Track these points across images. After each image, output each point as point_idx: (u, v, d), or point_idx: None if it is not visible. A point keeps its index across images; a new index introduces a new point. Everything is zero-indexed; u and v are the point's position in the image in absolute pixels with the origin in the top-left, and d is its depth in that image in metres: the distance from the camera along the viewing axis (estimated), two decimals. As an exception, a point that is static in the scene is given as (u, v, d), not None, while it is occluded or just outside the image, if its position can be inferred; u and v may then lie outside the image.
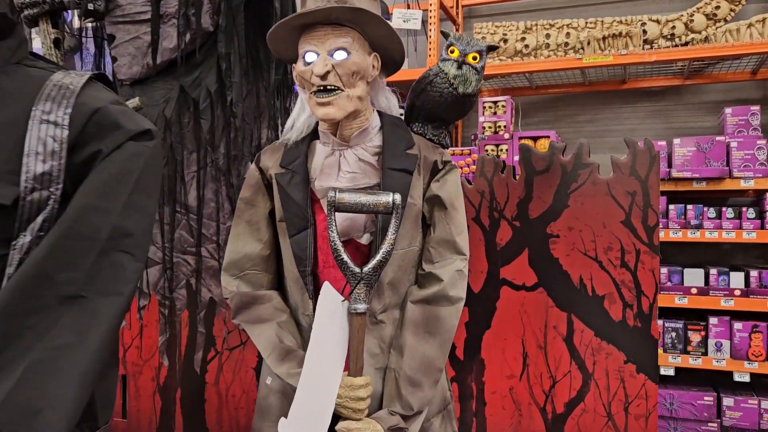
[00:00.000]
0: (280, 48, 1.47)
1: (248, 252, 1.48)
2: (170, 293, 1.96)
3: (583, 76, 4.20)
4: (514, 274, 2.02)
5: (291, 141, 1.49)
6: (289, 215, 1.42)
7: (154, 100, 1.93)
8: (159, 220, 1.94)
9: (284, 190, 1.43)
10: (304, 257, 1.40)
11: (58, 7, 1.89)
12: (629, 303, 1.89)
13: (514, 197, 2.02)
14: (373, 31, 1.39)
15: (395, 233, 1.32)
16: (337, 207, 1.30)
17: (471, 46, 1.55)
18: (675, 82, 4.11)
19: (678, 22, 3.89)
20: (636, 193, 1.88)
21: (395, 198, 1.30)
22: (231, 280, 1.48)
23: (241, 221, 1.51)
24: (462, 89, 1.55)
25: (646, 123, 4.29)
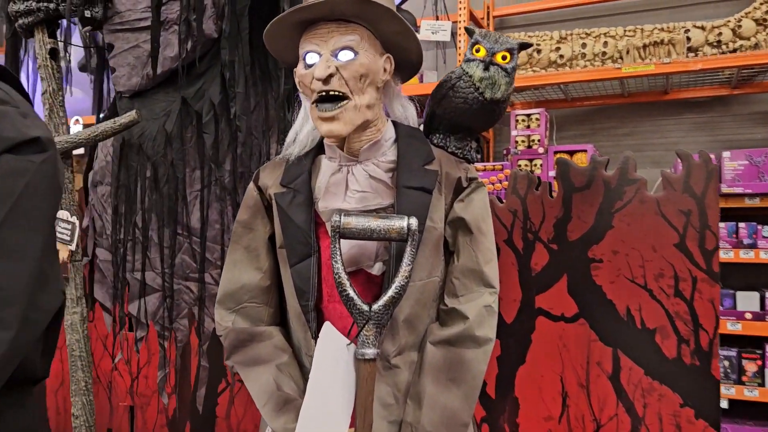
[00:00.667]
0: (279, 49, 1.30)
1: (246, 282, 1.30)
2: (170, 324, 1.79)
3: (622, 87, 3.96)
4: (552, 303, 1.80)
5: (293, 156, 1.32)
6: (290, 241, 1.24)
7: (155, 113, 1.78)
8: (159, 244, 1.77)
9: (285, 212, 1.25)
10: (306, 289, 1.21)
11: (54, 15, 1.77)
12: (685, 338, 1.66)
13: (551, 217, 1.80)
14: (384, 28, 1.21)
15: (411, 264, 1.12)
16: (343, 233, 1.12)
17: (500, 44, 1.34)
18: (722, 92, 3.85)
19: (725, 28, 3.64)
20: (691, 213, 1.65)
21: (411, 222, 1.11)
22: (226, 314, 1.30)
23: (239, 247, 1.34)
24: (489, 94, 1.34)
25: (690, 136, 4.02)
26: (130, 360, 1.98)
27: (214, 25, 1.71)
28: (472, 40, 1.37)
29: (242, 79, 1.67)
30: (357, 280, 1.19)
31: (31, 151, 0.82)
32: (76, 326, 1.77)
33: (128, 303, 1.82)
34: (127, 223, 1.79)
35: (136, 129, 1.76)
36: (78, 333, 1.77)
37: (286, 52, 1.30)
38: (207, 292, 1.78)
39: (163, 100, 1.78)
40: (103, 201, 1.83)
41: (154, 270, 1.79)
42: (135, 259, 1.79)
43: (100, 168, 1.83)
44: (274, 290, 1.33)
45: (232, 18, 1.66)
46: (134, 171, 1.78)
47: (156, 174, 1.76)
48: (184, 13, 1.68)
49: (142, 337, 1.80)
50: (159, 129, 1.76)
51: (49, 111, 1.78)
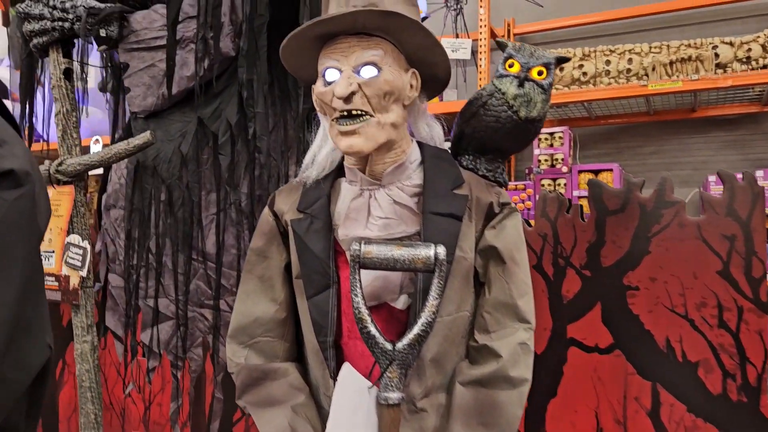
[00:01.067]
0: (296, 65, 1.22)
1: (260, 315, 1.22)
2: (184, 353, 1.72)
3: (648, 105, 3.87)
4: (585, 333, 1.70)
5: (311, 179, 1.24)
6: (307, 271, 1.16)
7: (170, 134, 1.72)
8: (173, 270, 1.71)
9: (301, 239, 1.17)
10: (324, 324, 1.13)
11: (69, 34, 1.72)
12: (731, 372, 1.55)
13: (583, 241, 1.71)
14: (410, 41, 1.13)
15: (438, 297, 1.03)
16: (363, 263, 1.03)
17: (536, 59, 1.25)
18: (752, 109, 3.74)
19: (754, 43, 3.54)
20: (735, 238, 1.55)
21: (438, 251, 1.02)
22: (239, 349, 1.22)
23: (252, 277, 1.26)
24: (524, 113, 1.25)
25: (720, 154, 3.91)
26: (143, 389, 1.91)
27: (232, 43, 1.66)
28: (505, 54, 1.28)
29: (261, 99, 1.61)
30: (379, 315, 1.10)
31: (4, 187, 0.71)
32: (87, 356, 1.70)
33: (140, 331, 1.75)
34: (141, 248, 1.73)
35: (150, 151, 1.70)
36: (88, 363, 1.70)
37: (303, 69, 1.23)
38: (222, 319, 1.70)
39: (178, 121, 1.72)
40: (116, 225, 1.77)
41: (167, 297, 1.72)
42: (148, 285, 1.73)
43: (114, 191, 1.78)
44: (290, 323, 1.25)
45: (250, 36, 1.60)
46: (148, 194, 1.72)
47: (171, 197, 1.70)
48: (200, 31, 1.62)
49: (155, 367, 1.73)
50: (174, 150, 1.70)
51: (62, 132, 1.73)
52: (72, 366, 2.20)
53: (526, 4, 4.01)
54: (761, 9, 3.79)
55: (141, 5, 1.83)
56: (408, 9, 1.14)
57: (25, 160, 0.75)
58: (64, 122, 1.73)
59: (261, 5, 1.60)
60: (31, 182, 0.74)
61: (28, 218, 0.74)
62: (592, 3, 4.16)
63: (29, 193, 0.74)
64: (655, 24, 3.99)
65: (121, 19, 1.72)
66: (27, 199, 0.73)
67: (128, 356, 1.76)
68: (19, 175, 0.72)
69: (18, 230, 0.72)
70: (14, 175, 0.72)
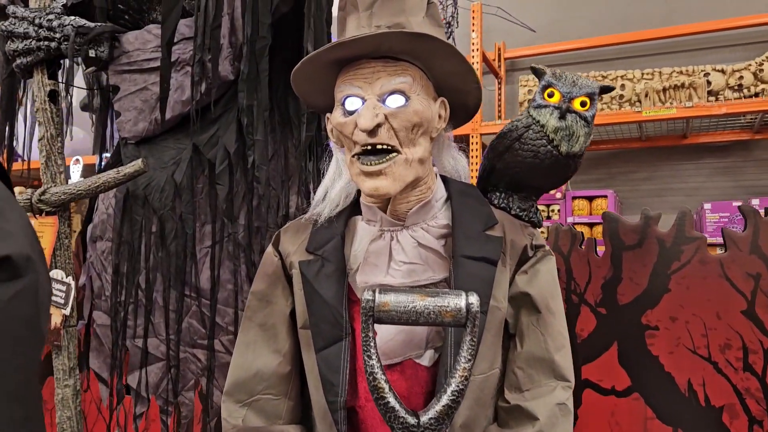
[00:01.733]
0: (308, 91, 1.11)
1: (261, 368, 1.09)
2: (175, 397, 1.59)
3: (640, 131, 3.86)
4: (601, 375, 1.62)
5: (323, 217, 1.12)
6: (316, 320, 1.03)
7: (163, 162, 1.61)
8: (164, 307, 1.58)
9: (311, 284, 1.05)
10: (335, 382, 0.99)
11: (55, 54, 1.61)
12: (758, 418, 1.47)
13: (598, 277, 1.63)
14: (440, 67, 1.03)
15: (472, 358, 0.88)
16: (378, 317, 0.88)
17: (579, 88, 1.13)
18: (743, 137, 3.75)
19: (746, 71, 3.55)
20: (761, 276, 1.48)
21: (471, 302, 0.87)
22: (236, 409, 1.08)
23: (253, 325, 1.13)
24: (566, 148, 1.12)
25: (711, 181, 3.90)
26: None
27: (231, 66, 1.56)
28: (544, 82, 1.17)
29: (261, 126, 1.51)
30: (403, 374, 0.99)
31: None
32: (68, 402, 1.57)
33: (127, 373, 1.62)
34: (129, 283, 1.60)
35: (141, 179, 1.58)
36: (70, 409, 1.56)
37: (316, 95, 1.12)
38: (217, 360, 1.58)
39: (172, 148, 1.61)
40: (103, 259, 1.65)
41: (157, 336, 1.59)
42: (137, 324, 1.60)
43: (101, 221, 1.65)
44: (296, 379, 1.12)
45: (251, 59, 1.51)
46: (138, 226, 1.60)
47: (163, 229, 1.58)
48: (198, 54, 1.52)
49: (142, 412, 1.60)
50: (167, 179, 1.58)
51: (46, 159, 1.61)
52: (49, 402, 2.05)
53: (518, 28, 3.98)
54: (750, 37, 3.82)
55: (133, 25, 1.73)
56: (437, 30, 1.03)
57: (23, 238, 0.57)
58: (48, 148, 1.61)
59: (263, 28, 1.51)
60: (33, 271, 0.56)
61: (27, 324, 0.55)
62: (582, 28, 4.16)
63: (31, 287, 0.55)
64: (646, 50, 4.00)
65: (112, 39, 1.62)
66: (27, 297, 0.55)
67: (114, 401, 1.63)
68: (17, 263, 0.54)
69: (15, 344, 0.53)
70: (11, 264, 0.54)
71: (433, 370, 1.00)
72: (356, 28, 1.02)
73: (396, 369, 1.00)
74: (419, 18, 1.02)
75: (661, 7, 4.00)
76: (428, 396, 1.00)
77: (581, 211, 3.54)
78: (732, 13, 3.76)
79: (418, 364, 1.01)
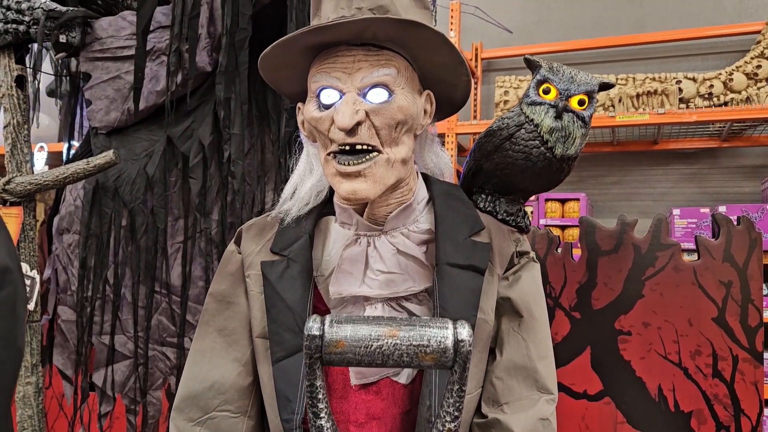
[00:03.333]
0: (278, 77, 0.99)
1: (218, 379, 0.95)
2: (143, 396, 1.55)
3: (612, 135, 3.90)
4: (573, 379, 1.62)
5: (291, 215, 1.01)
6: (276, 326, 0.91)
7: (135, 153, 1.56)
8: (132, 303, 1.54)
9: (273, 286, 0.93)
10: (292, 398, 0.87)
11: (24, 38, 1.55)
12: (725, 424, 1.49)
13: (573, 282, 1.63)
14: (429, 58, 0.93)
15: (459, 414, 0.69)
16: (329, 360, 0.66)
17: (577, 85, 1.02)
18: (711, 144, 3.82)
19: (716, 80, 3.62)
20: (732, 284, 1.50)
21: (461, 338, 0.65)
22: (188, 427, 0.94)
23: (210, 330, 1.00)
24: (561, 150, 1.03)
25: (678, 187, 3.97)
26: None
27: (208, 57, 1.52)
28: (539, 76, 1.05)
29: (239, 119, 1.47)
30: (379, 395, 0.91)
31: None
32: (30, 399, 1.51)
33: (93, 371, 1.57)
34: (97, 278, 1.55)
35: (112, 171, 1.54)
36: (31, 408, 1.51)
37: (286, 82, 1.01)
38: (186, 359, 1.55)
39: (145, 139, 1.56)
40: (70, 252, 1.59)
41: (125, 333, 1.55)
42: (104, 320, 1.55)
43: (68, 213, 1.60)
44: (256, 393, 0.98)
45: (230, 51, 1.47)
46: (108, 219, 1.55)
47: (133, 223, 1.53)
48: (174, 43, 1.48)
49: (107, 412, 1.55)
50: (139, 172, 1.54)
51: (11, 146, 1.55)
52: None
53: (494, 28, 3.99)
54: (722, 47, 3.89)
55: (106, 11, 1.68)
56: (425, 14, 0.94)
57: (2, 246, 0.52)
58: (14, 135, 1.55)
59: (243, 19, 1.47)
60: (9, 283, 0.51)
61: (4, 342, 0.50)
62: (557, 32, 4.19)
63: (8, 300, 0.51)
64: (620, 56, 4.04)
65: (85, 25, 1.56)
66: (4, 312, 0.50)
67: (78, 399, 1.57)
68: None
69: None
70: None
71: (411, 387, 0.92)
72: (334, 9, 0.90)
73: (371, 389, 0.91)
74: (405, 1, 0.93)
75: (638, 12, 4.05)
76: (405, 416, 0.91)
77: (554, 214, 3.57)
78: (704, 22, 3.83)
79: (395, 382, 0.92)
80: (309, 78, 0.94)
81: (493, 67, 4.44)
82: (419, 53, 0.93)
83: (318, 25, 0.86)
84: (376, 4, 0.89)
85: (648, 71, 3.77)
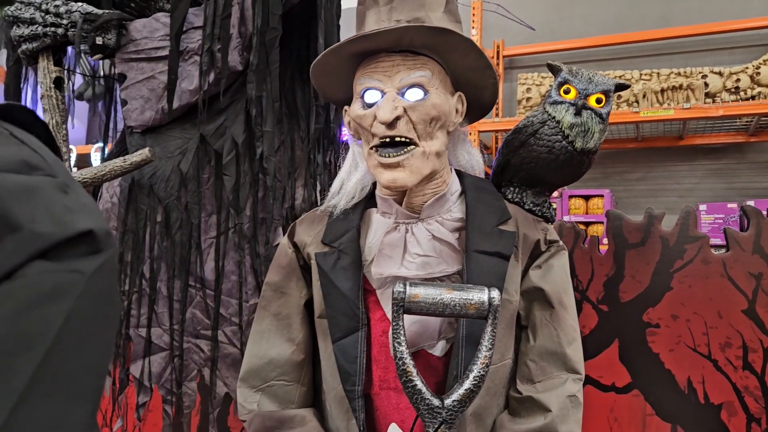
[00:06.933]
0: (327, 85, 1.13)
1: (275, 356, 1.12)
2: (178, 387, 1.59)
3: (637, 131, 3.88)
4: (601, 371, 1.63)
5: (338, 209, 1.13)
6: (333, 311, 1.06)
7: (169, 151, 1.60)
8: (168, 297, 1.58)
9: (327, 276, 1.07)
10: (352, 372, 1.02)
11: (62, 41, 1.60)
12: (756, 416, 1.49)
13: (600, 275, 1.64)
14: (458, 62, 1.05)
15: (491, 348, 0.93)
16: (408, 308, 0.92)
17: (595, 85, 1.15)
18: (738, 139, 3.78)
19: (743, 74, 3.58)
20: (762, 276, 1.50)
21: (493, 296, 0.92)
22: (251, 394, 1.11)
23: (267, 314, 1.15)
24: (581, 144, 1.15)
25: (704, 182, 3.94)
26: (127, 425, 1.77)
27: (239, 56, 1.56)
28: (560, 78, 1.19)
29: (270, 117, 1.51)
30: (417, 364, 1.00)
31: (79, 253, 0.50)
32: (71, 390, 1.56)
33: (130, 362, 1.62)
34: (134, 273, 1.60)
35: (147, 168, 1.58)
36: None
37: (334, 89, 1.14)
38: (220, 351, 1.58)
39: (178, 138, 1.61)
40: (107, 247, 1.64)
41: (161, 326, 1.59)
42: (140, 313, 1.60)
43: (105, 210, 1.65)
44: (308, 366, 1.16)
45: (261, 50, 1.51)
46: (143, 215, 1.60)
47: (168, 219, 1.58)
48: (206, 43, 1.52)
49: (145, 402, 1.59)
50: (173, 169, 1.58)
51: (50, 146, 1.60)
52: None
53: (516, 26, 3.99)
54: (748, 40, 3.85)
55: (139, 13, 1.73)
56: (456, 26, 1.05)
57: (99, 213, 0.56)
58: (53, 135, 1.59)
59: (274, 18, 1.50)
60: (111, 245, 0.54)
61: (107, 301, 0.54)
62: (580, 28, 4.17)
63: (111, 261, 0.54)
64: (644, 51, 4.02)
65: (120, 27, 1.61)
66: (108, 271, 0.53)
67: (116, 390, 1.62)
68: (99, 236, 0.53)
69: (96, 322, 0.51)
70: (93, 237, 0.52)
71: (445, 359, 1.03)
72: (376, 22, 1.04)
73: None
74: (438, 13, 1.05)
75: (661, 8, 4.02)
76: (439, 385, 1.02)
77: (577, 210, 3.56)
78: (730, 15, 3.79)
79: (431, 354, 1.03)
80: (354, 82, 1.06)
81: (515, 65, 4.44)
82: (450, 58, 1.04)
83: (362, 33, 0.99)
84: (412, 17, 1.01)
85: (673, 66, 3.74)
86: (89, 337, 0.50)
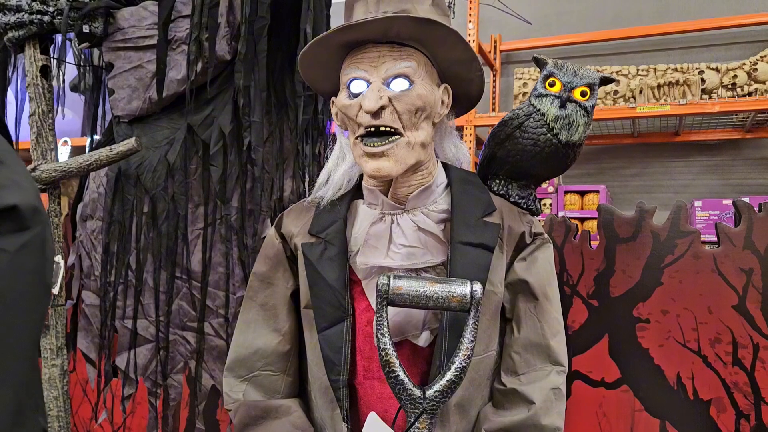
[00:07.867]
0: (314, 75, 1.12)
1: (261, 346, 1.13)
2: (164, 380, 1.58)
3: (633, 127, 3.86)
4: (590, 367, 1.62)
5: (325, 200, 1.13)
6: (318, 301, 1.06)
7: (156, 141, 1.59)
8: (154, 288, 1.57)
9: (313, 266, 1.07)
10: (337, 362, 1.03)
11: (48, 29, 1.58)
12: (745, 412, 1.48)
13: (591, 269, 1.63)
14: (444, 54, 1.04)
15: (474, 341, 0.93)
16: (392, 300, 0.92)
17: (579, 78, 1.15)
18: (734, 136, 3.76)
19: (740, 70, 3.56)
20: (753, 272, 1.49)
21: (475, 289, 0.93)
22: (236, 383, 1.11)
23: (254, 305, 1.15)
24: (565, 136, 1.15)
25: (700, 179, 3.92)
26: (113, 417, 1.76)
27: (228, 46, 1.54)
28: (545, 71, 1.18)
29: (258, 107, 1.49)
30: (401, 354, 1.00)
31: (4, 230, 0.51)
32: (55, 381, 1.55)
33: (116, 354, 1.60)
34: (119, 263, 1.58)
35: (134, 158, 1.57)
36: (57, 389, 1.55)
37: (322, 80, 1.13)
38: (206, 343, 1.57)
39: (166, 128, 1.59)
40: (93, 238, 1.63)
41: (147, 318, 1.58)
42: (126, 304, 1.59)
43: (91, 200, 1.63)
44: (294, 356, 1.16)
45: (249, 39, 1.49)
46: (130, 205, 1.58)
47: (154, 209, 1.56)
48: (194, 32, 1.50)
49: (130, 394, 1.58)
50: (160, 159, 1.57)
51: (36, 135, 1.58)
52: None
53: (513, 20, 3.98)
54: (745, 36, 3.83)
55: (128, 1, 1.70)
56: (443, 19, 1.04)
57: (30, 189, 0.55)
58: (39, 124, 1.58)
59: (262, 7, 1.49)
60: (40, 222, 0.55)
61: (34, 275, 0.54)
62: (577, 23, 4.15)
63: (38, 238, 0.54)
64: (641, 47, 4.00)
65: (107, 15, 1.59)
66: (34, 248, 0.53)
67: (101, 382, 1.61)
68: (24, 213, 0.53)
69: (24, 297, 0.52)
70: (17, 214, 0.52)
71: (429, 350, 1.03)
72: (364, 14, 1.03)
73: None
74: (426, 6, 1.05)
75: (658, 3, 4.00)
76: (423, 375, 1.02)
77: (573, 206, 3.55)
78: (728, 11, 3.77)
79: (415, 345, 1.03)
80: (341, 72, 1.06)
81: (512, 59, 4.41)
82: (437, 50, 1.04)
83: (348, 23, 0.99)
84: (399, 9, 1.01)
85: (669, 62, 3.72)
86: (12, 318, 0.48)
